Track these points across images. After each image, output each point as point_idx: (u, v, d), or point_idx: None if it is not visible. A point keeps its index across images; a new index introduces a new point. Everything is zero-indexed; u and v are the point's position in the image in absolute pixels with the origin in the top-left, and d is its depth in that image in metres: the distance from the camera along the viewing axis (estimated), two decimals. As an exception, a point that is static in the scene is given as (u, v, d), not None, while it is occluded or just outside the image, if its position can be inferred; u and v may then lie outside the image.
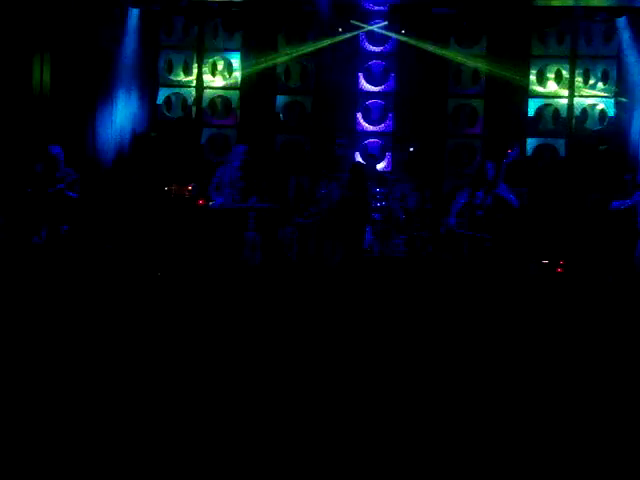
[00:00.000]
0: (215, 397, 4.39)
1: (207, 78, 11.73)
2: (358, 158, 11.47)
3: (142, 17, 11.48)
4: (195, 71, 11.74)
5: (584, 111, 11.11)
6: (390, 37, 11.52)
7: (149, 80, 11.76)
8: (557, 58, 11.23)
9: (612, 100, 11.02)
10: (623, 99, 10.88)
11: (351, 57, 11.65)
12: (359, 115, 11.69)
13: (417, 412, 4.28)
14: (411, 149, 11.25)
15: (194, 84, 11.75)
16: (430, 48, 11.26)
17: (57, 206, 9.01)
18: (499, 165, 8.81)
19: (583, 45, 11.10)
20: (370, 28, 11.43)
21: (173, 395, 4.37)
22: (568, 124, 11.17)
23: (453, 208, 9.06)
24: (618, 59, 10.99)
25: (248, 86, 11.72)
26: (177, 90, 11.74)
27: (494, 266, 8.72)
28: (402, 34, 11.35)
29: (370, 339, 6.00)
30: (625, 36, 10.73)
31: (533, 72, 11.24)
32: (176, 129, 11.62)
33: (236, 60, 11.73)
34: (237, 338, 5.89)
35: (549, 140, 11.25)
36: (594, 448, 3.79)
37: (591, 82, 11.07)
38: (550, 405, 4.48)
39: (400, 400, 4.48)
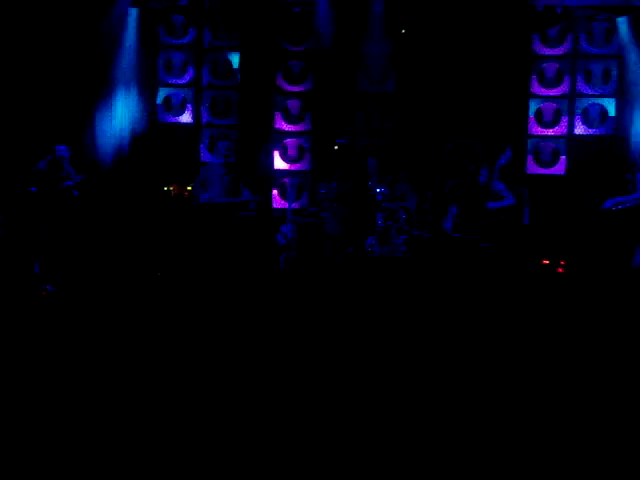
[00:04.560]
0: (215, 397, 4.37)
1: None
2: (357, 157, 11.47)
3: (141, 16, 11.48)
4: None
5: (585, 111, 11.10)
6: (390, 37, 11.51)
7: (148, 80, 11.75)
8: (557, 58, 11.22)
9: (613, 100, 11.01)
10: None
11: (350, 56, 11.65)
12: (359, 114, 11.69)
13: (417, 412, 4.27)
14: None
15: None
16: (430, 47, 11.26)
17: (62, 205, 9.01)
18: (492, 168, 8.95)
19: (584, 44, 11.08)
20: None
21: (172, 394, 4.36)
22: (569, 124, 11.15)
23: (449, 212, 9.18)
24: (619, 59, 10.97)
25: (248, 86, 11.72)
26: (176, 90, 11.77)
27: (494, 267, 8.73)
28: (402, 33, 11.34)
29: (371, 339, 5.99)
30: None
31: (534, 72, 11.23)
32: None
33: (235, 59, 11.74)
34: (237, 338, 5.88)
35: (549, 141, 11.24)
36: (594, 448, 3.78)
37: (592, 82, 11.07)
38: (550, 405, 4.47)
39: (400, 400, 4.47)
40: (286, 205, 10.70)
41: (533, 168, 11.20)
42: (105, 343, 5.57)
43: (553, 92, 11.21)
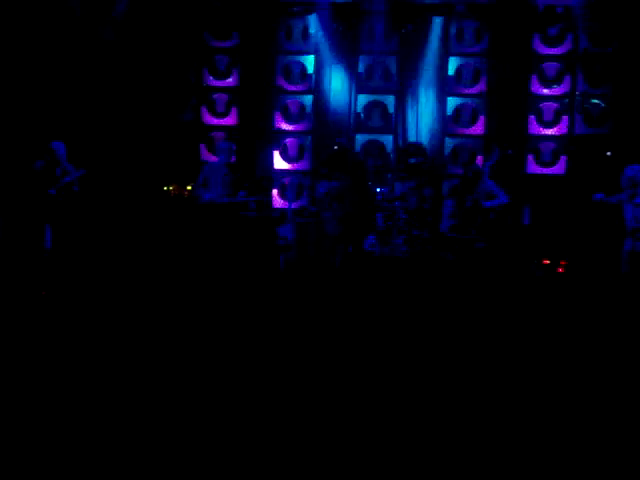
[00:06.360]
0: (214, 397, 4.38)
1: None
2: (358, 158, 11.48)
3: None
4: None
5: (586, 109, 11.09)
6: (392, 36, 11.51)
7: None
8: (557, 57, 11.22)
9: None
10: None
11: (352, 56, 11.66)
12: (359, 114, 11.69)
13: (418, 411, 4.28)
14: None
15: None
16: (430, 47, 11.29)
17: (63, 202, 9.02)
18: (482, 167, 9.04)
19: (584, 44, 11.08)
20: None
21: (171, 394, 4.37)
22: (569, 123, 11.14)
23: (444, 213, 9.23)
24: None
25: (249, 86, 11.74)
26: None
27: (493, 267, 8.73)
28: (402, 33, 11.37)
29: (371, 339, 5.99)
30: None
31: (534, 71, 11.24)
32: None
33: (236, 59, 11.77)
34: (236, 338, 5.88)
35: (550, 140, 11.24)
36: (594, 447, 3.78)
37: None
38: (551, 405, 4.47)
39: (401, 399, 4.47)
40: None
41: (533, 168, 11.21)
42: (104, 342, 5.58)
43: (554, 92, 11.21)
